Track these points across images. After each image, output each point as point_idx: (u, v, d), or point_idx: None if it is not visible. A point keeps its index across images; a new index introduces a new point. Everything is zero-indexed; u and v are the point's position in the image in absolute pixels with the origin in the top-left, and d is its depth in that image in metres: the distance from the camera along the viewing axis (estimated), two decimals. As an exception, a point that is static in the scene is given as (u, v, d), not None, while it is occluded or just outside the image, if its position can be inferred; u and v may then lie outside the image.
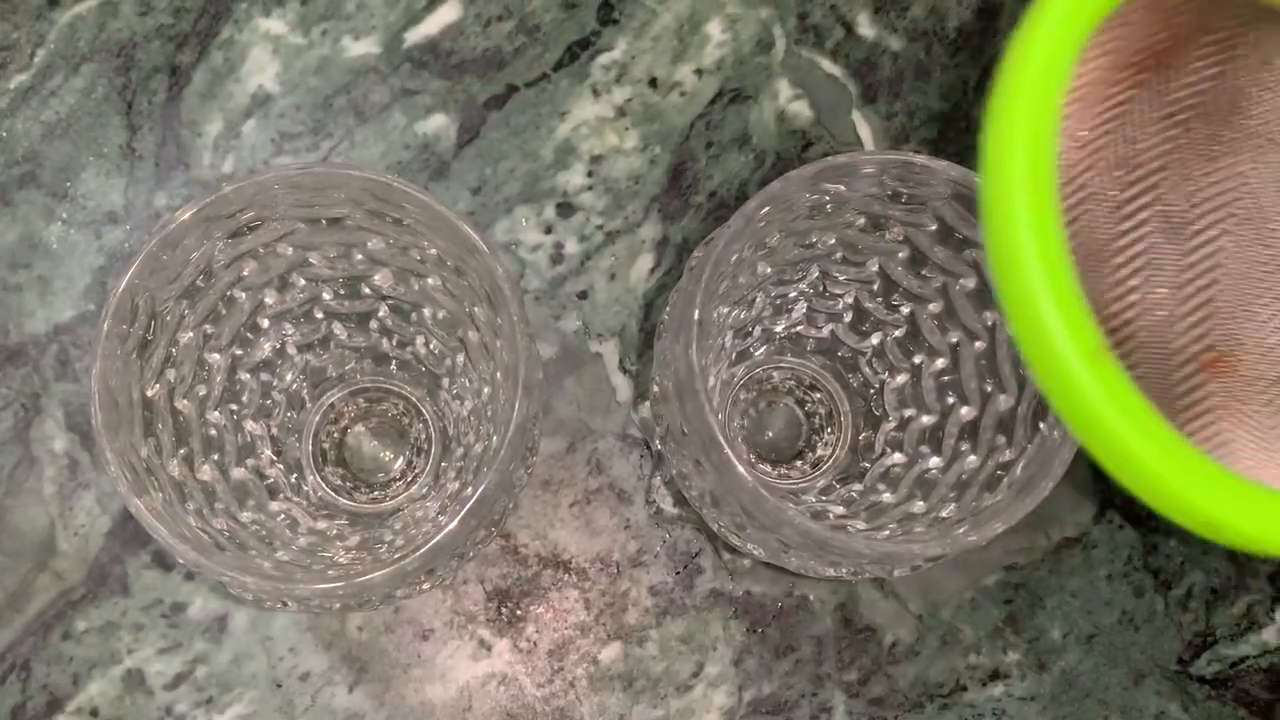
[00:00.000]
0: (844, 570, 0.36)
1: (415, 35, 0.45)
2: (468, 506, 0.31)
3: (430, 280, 0.37)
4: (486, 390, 0.38)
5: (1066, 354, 0.21)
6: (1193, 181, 0.29)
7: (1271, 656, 0.44)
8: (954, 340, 0.39)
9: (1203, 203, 0.29)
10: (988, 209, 0.22)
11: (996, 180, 0.22)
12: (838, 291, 0.41)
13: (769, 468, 0.43)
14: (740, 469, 0.33)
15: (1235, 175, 0.29)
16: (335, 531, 0.39)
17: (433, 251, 0.36)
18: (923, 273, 0.38)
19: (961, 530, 0.34)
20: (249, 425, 0.39)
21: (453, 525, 0.31)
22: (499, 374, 0.36)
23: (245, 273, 0.36)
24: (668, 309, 0.38)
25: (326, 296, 0.39)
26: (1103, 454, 0.22)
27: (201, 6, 0.45)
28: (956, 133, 0.45)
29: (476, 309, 0.36)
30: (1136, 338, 0.29)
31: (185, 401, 0.36)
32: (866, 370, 0.42)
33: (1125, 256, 0.30)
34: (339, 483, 0.42)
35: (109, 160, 0.44)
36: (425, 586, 0.36)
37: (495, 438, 0.34)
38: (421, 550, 0.31)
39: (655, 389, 0.39)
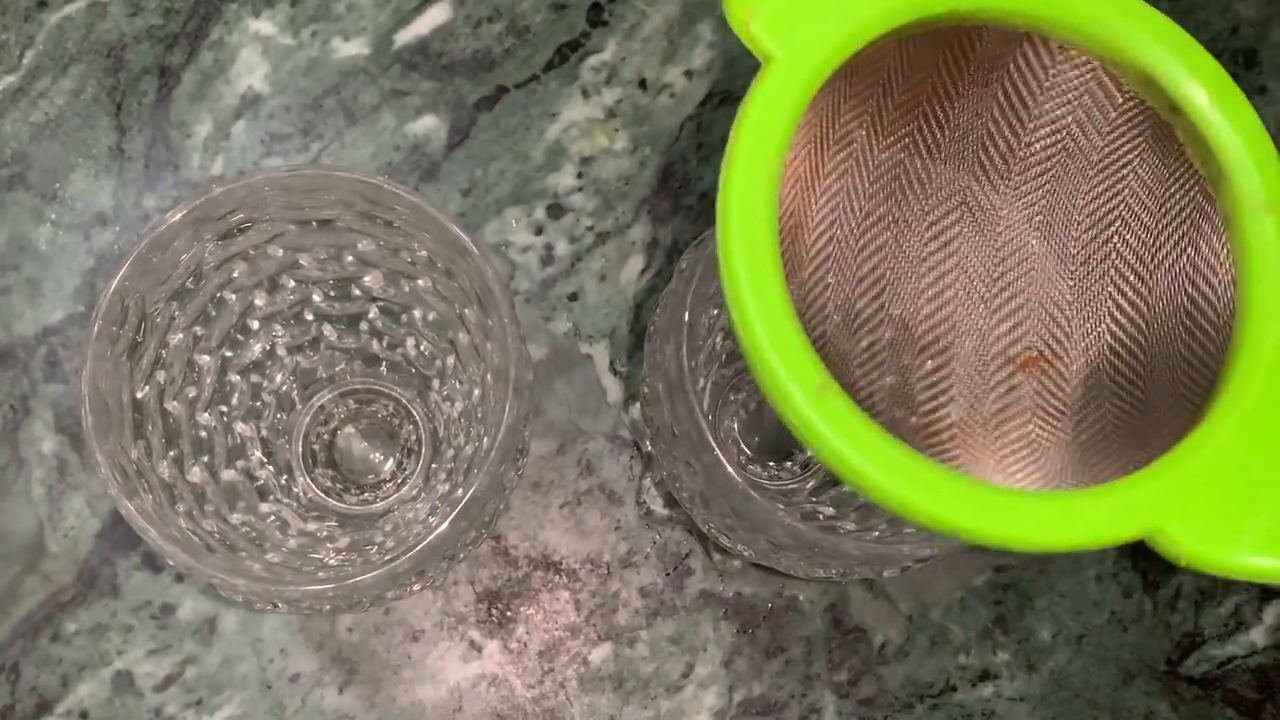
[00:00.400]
0: (834, 571, 0.36)
1: (405, 36, 0.45)
2: (458, 508, 0.31)
3: (421, 282, 0.37)
4: (477, 392, 0.38)
5: (793, 395, 0.24)
6: (999, 195, 0.31)
7: (1259, 657, 0.44)
8: (943, 341, 0.39)
9: (1009, 214, 0.31)
10: (721, 276, 0.25)
11: (721, 251, 0.25)
12: (827, 293, 0.41)
13: (759, 469, 0.43)
14: (730, 470, 0.33)
15: (1037, 185, 0.31)
16: (325, 533, 0.39)
17: (423, 253, 0.36)
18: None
19: (951, 531, 0.34)
20: (239, 427, 0.39)
21: (443, 527, 0.31)
22: (489, 376, 0.36)
23: (235, 274, 0.36)
24: (658, 311, 0.38)
25: (317, 298, 0.39)
26: (838, 472, 0.25)
27: (191, 8, 0.45)
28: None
29: (467, 311, 0.36)
30: (956, 344, 0.31)
31: (175, 403, 0.36)
32: (856, 371, 0.42)
33: (938, 273, 0.32)
34: (329, 484, 0.42)
35: (98, 162, 0.44)
36: (415, 588, 0.36)
37: (486, 439, 0.34)
38: (412, 552, 0.31)
39: (646, 390, 0.39)
